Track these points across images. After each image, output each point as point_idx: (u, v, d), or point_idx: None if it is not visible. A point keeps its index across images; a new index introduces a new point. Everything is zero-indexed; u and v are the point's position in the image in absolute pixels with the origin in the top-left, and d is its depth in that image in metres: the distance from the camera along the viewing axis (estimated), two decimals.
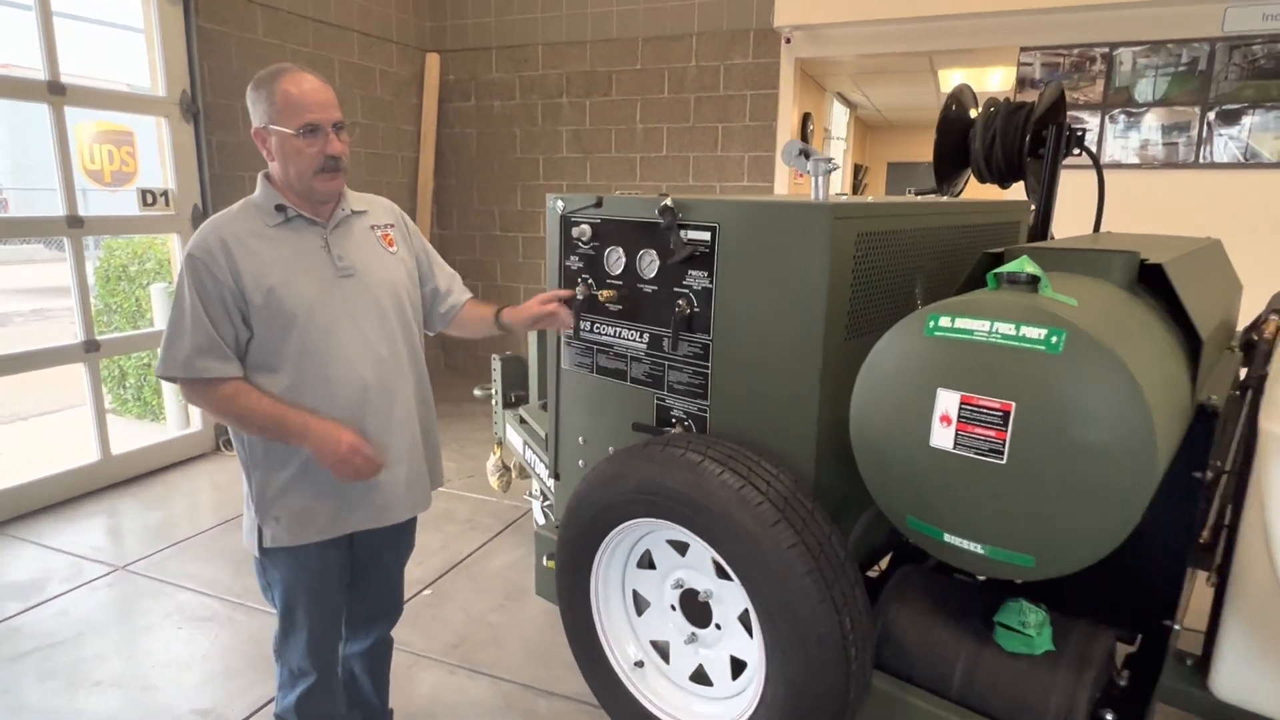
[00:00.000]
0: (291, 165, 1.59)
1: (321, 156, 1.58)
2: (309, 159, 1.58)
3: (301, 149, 1.57)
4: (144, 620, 2.87)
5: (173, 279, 4.52)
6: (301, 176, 1.60)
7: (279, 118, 1.56)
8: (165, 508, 3.88)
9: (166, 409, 4.97)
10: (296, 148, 1.57)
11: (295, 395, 1.63)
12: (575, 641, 1.71)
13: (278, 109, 1.56)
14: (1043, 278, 1.26)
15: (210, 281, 1.54)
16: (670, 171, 5.56)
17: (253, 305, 1.56)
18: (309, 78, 1.59)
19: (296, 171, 1.59)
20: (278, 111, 1.56)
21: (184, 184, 4.32)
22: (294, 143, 1.57)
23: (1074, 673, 1.37)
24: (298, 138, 1.56)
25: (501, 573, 3.26)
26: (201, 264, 1.55)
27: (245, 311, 1.57)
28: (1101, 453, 1.12)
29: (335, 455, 1.59)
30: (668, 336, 1.77)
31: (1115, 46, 4.45)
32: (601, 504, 1.57)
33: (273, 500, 1.67)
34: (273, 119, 1.57)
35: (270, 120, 1.57)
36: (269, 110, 1.57)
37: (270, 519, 1.67)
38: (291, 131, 1.56)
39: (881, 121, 9.77)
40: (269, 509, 1.67)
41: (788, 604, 1.30)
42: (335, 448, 1.58)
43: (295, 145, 1.57)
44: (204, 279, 1.54)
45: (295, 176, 1.60)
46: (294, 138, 1.56)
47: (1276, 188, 4.29)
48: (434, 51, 6.03)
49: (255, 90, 1.59)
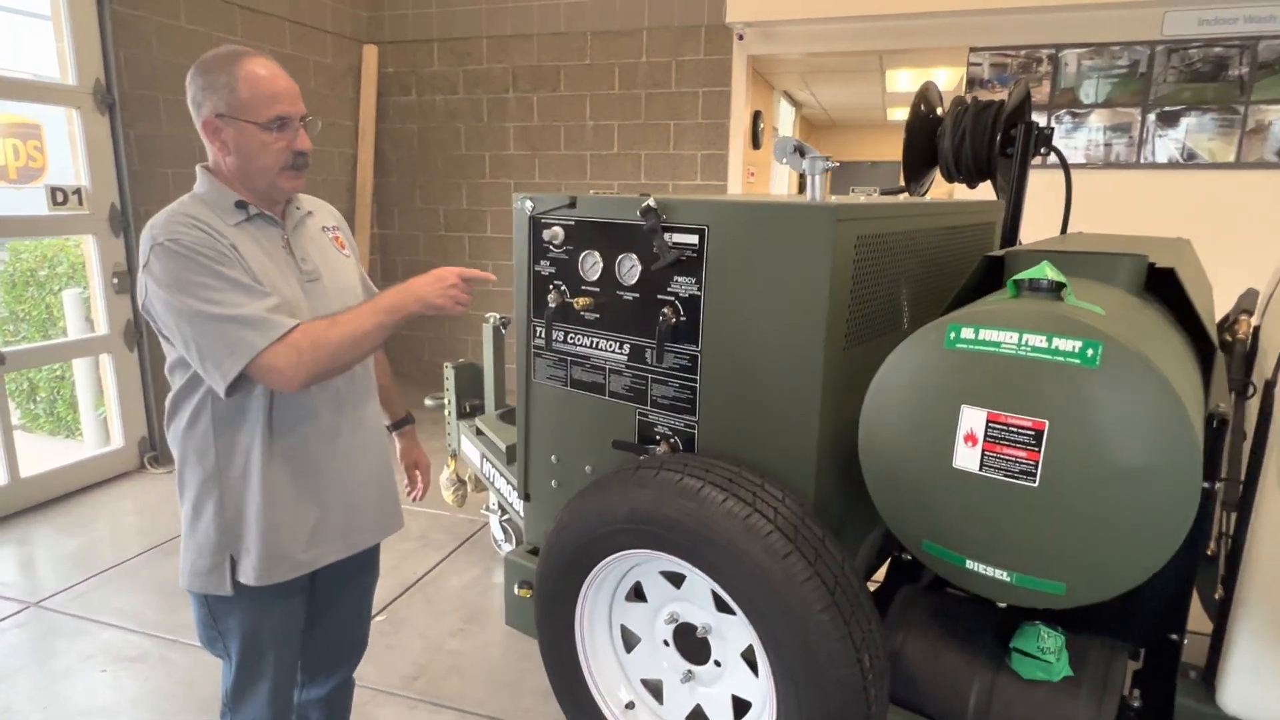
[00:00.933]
0: (255, 161, 1.40)
1: (289, 153, 1.41)
2: (275, 155, 1.40)
3: (268, 144, 1.39)
4: (62, 663, 2.59)
5: (88, 284, 4.17)
6: (265, 173, 1.41)
7: (243, 109, 1.37)
8: (84, 534, 3.56)
9: (83, 424, 4.60)
10: (263, 142, 1.39)
11: (271, 407, 1.44)
12: (558, 680, 1.57)
13: (240, 98, 1.36)
14: (1067, 284, 1.18)
15: (210, 247, 1.32)
16: (622, 169, 5.43)
17: None
18: (269, 62, 1.41)
19: (260, 168, 1.41)
20: (241, 101, 1.36)
21: (100, 181, 3.98)
22: (260, 136, 1.38)
23: (1095, 700, 1.30)
24: (265, 131, 1.38)
25: (460, 594, 3.08)
26: (189, 237, 1.31)
27: None
28: (1144, 473, 1.04)
29: (434, 293, 1.42)
30: (651, 348, 1.64)
31: (1060, 48, 4.52)
32: (588, 534, 1.43)
33: (245, 531, 1.46)
34: (234, 109, 1.37)
35: (230, 110, 1.37)
36: (228, 98, 1.37)
37: (243, 553, 1.47)
38: (259, 124, 1.37)
39: (826, 121, 9.84)
40: (240, 541, 1.46)
41: (803, 642, 1.19)
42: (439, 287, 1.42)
43: (261, 139, 1.38)
44: (202, 247, 1.31)
45: (257, 173, 1.41)
46: (261, 130, 1.38)
47: (1212, 188, 4.42)
48: (371, 43, 5.75)
49: (207, 75, 1.38)
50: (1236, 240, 4.23)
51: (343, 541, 1.58)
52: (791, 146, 1.46)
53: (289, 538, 1.48)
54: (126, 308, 4.18)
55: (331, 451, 1.53)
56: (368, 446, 1.62)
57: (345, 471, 1.56)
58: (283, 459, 1.47)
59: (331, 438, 1.53)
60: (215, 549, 1.48)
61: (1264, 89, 4.23)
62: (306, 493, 1.50)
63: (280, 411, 1.46)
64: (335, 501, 1.55)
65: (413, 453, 1.90)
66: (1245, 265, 3.45)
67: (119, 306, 4.14)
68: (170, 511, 3.79)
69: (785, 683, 1.23)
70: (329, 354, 1.34)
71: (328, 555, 1.56)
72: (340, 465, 1.55)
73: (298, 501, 1.49)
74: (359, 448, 1.59)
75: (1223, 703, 1.50)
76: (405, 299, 1.41)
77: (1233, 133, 4.33)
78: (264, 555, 1.47)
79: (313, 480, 1.51)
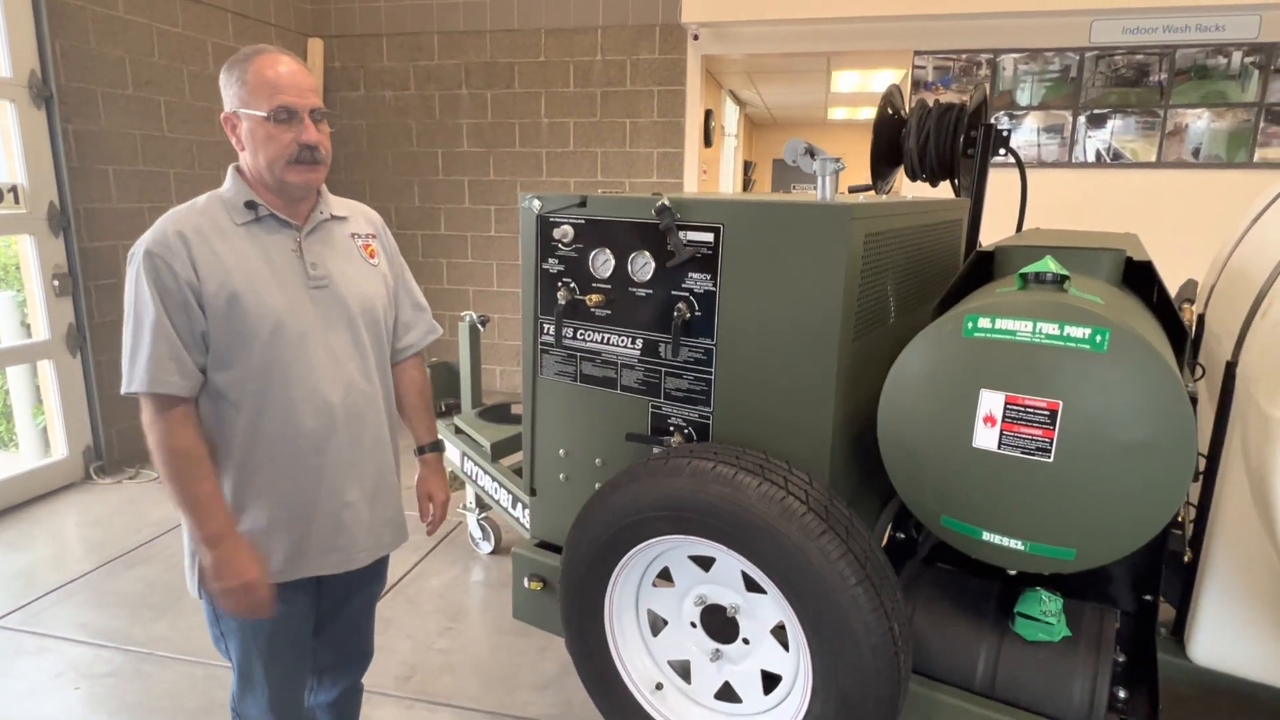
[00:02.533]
0: (262, 153, 1.41)
1: (295, 145, 1.40)
2: (281, 146, 1.40)
3: (274, 135, 1.39)
4: (28, 683, 2.48)
5: (22, 286, 3.96)
6: (272, 166, 1.41)
7: (250, 100, 1.38)
8: (32, 549, 3.40)
9: (19, 434, 4.36)
10: (268, 133, 1.39)
11: (253, 416, 1.44)
12: (585, 668, 1.62)
13: (249, 90, 1.38)
14: (1069, 277, 1.29)
15: (170, 279, 1.35)
16: (579, 166, 5.46)
17: (212, 310, 1.38)
18: (286, 59, 1.41)
19: (267, 160, 1.41)
20: (249, 93, 1.38)
21: (37, 178, 3.79)
22: (265, 128, 1.39)
23: (1093, 656, 1.42)
24: (269, 122, 1.38)
25: (442, 593, 3.08)
26: (160, 260, 1.35)
27: (205, 315, 1.38)
28: (1148, 446, 1.16)
29: (226, 583, 1.41)
30: (665, 342, 1.69)
31: (999, 53, 4.76)
32: (620, 523, 1.48)
33: None
34: (243, 102, 1.39)
35: (240, 104, 1.39)
36: (239, 92, 1.39)
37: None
38: (262, 115, 1.38)
39: (768, 119, 10.05)
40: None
41: (839, 616, 1.27)
42: (232, 577, 1.41)
43: (267, 130, 1.39)
44: (164, 277, 1.35)
45: (266, 167, 1.42)
46: (265, 122, 1.38)
47: (1135, 185, 4.73)
48: (316, 36, 5.62)
49: (227, 72, 1.42)
50: (1158, 234, 4.52)
51: (325, 559, 1.55)
52: (802, 149, 1.54)
53: (268, 544, 1.49)
54: (68, 311, 3.99)
55: (317, 466, 1.50)
56: (361, 465, 1.57)
57: (333, 489, 1.53)
58: (260, 471, 1.47)
59: (317, 453, 1.50)
60: (192, 551, 1.50)
61: (1181, 94, 4.57)
62: (281, 506, 1.49)
63: (262, 423, 1.45)
64: (319, 518, 1.52)
65: (428, 482, 1.79)
66: (1167, 257, 3.72)
67: (60, 310, 3.95)
68: (123, 523, 3.64)
69: (822, 654, 1.31)
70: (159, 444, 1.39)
71: (314, 567, 1.55)
72: (328, 482, 1.52)
73: (271, 514, 1.48)
74: (350, 465, 1.54)
75: (1193, 655, 1.65)
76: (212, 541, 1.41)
77: (1154, 134, 4.66)
78: None
79: (290, 495, 1.49)
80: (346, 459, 1.54)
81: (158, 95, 4.42)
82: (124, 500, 3.90)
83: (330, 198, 1.58)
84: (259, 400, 1.44)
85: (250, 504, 1.48)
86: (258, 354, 1.42)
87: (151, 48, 4.37)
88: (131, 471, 4.23)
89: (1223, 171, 4.56)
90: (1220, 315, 1.97)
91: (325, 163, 1.47)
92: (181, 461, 1.38)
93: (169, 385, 1.36)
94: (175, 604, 2.93)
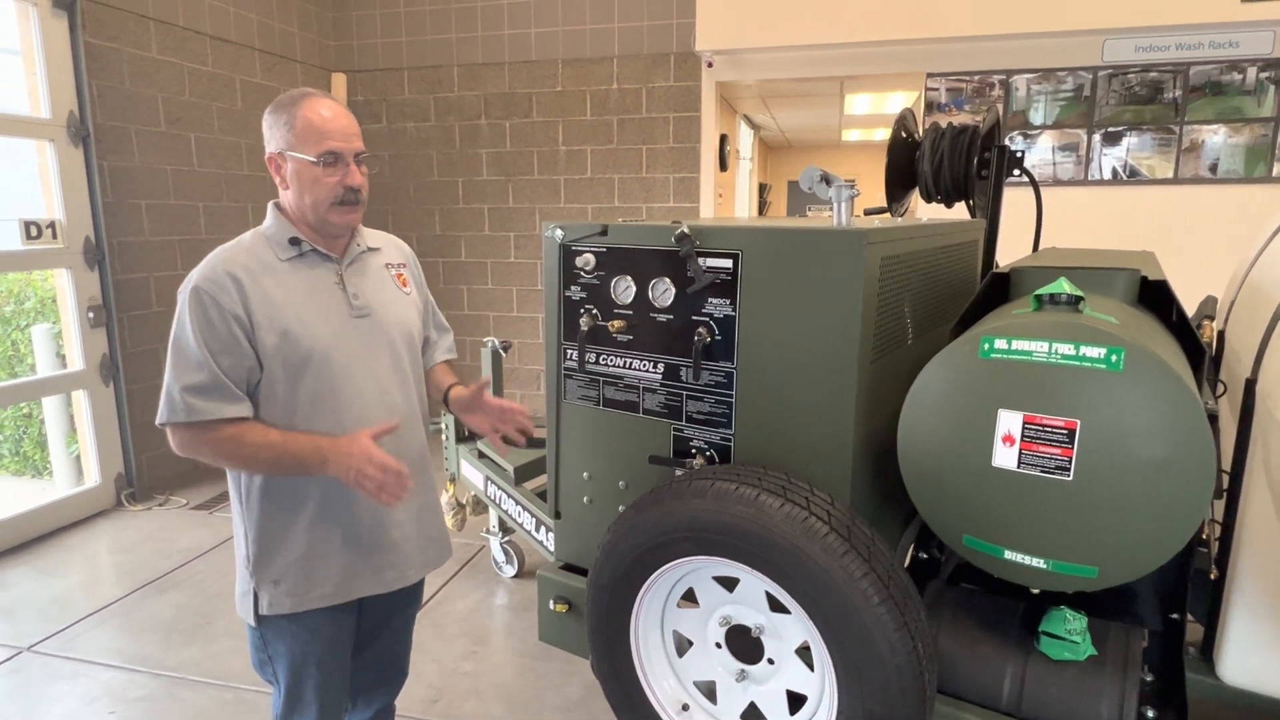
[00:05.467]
0: (308, 195, 1.48)
1: (341, 188, 1.48)
2: (327, 189, 1.47)
3: (320, 178, 1.46)
4: (63, 707, 2.53)
5: (58, 318, 4.08)
6: (317, 207, 1.49)
7: (298, 144, 1.45)
8: (67, 576, 3.47)
9: (53, 463, 4.46)
10: (315, 176, 1.46)
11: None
12: (612, 689, 1.63)
13: (297, 134, 1.45)
14: (1084, 298, 1.32)
15: (217, 315, 1.40)
16: (596, 193, 5.54)
17: (263, 345, 1.43)
18: (331, 103, 1.49)
19: (313, 202, 1.48)
20: (297, 137, 1.45)
21: (74, 213, 3.92)
22: (312, 171, 1.46)
23: (1120, 675, 1.42)
24: (316, 166, 1.45)
25: (466, 617, 3.10)
26: (209, 296, 1.41)
27: (257, 349, 1.44)
28: (1166, 464, 1.17)
29: (351, 470, 1.41)
30: (686, 366, 1.73)
31: (1011, 74, 4.80)
32: (645, 545, 1.51)
33: (273, 561, 1.51)
34: (291, 145, 1.46)
35: (288, 146, 1.46)
36: (287, 135, 1.46)
37: (268, 583, 1.51)
38: (311, 159, 1.45)
39: (782, 142, 10.14)
40: (267, 571, 1.51)
41: (863, 635, 1.28)
42: (349, 461, 1.41)
43: (314, 174, 1.46)
44: (210, 313, 1.40)
45: (310, 207, 1.49)
46: (312, 165, 1.46)
47: (1152, 202, 4.73)
48: (340, 72, 5.77)
49: (274, 114, 1.49)
50: (1177, 250, 4.53)
51: (379, 577, 1.60)
52: (818, 176, 1.58)
53: (324, 567, 1.53)
54: (102, 342, 4.10)
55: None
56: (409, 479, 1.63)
57: (383, 510, 1.57)
58: (313, 498, 1.52)
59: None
60: (254, 575, 1.53)
61: (1196, 110, 4.57)
62: (335, 530, 1.53)
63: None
64: (371, 539, 1.58)
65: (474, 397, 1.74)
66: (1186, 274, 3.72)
67: (95, 341, 4.06)
68: (153, 549, 3.71)
69: (847, 673, 1.32)
70: (226, 459, 1.44)
71: (364, 588, 1.59)
72: (377, 506, 1.56)
73: (325, 539, 1.53)
74: None
75: (1222, 674, 1.64)
76: (313, 458, 1.42)
77: (1170, 151, 4.66)
78: (295, 584, 1.52)
79: (343, 519, 1.54)
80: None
81: (188, 131, 4.56)
82: (155, 527, 3.97)
83: (364, 230, 1.64)
84: (310, 428, 1.49)
85: (305, 530, 1.52)
86: (308, 384, 1.48)
87: (183, 86, 4.52)
88: (161, 498, 4.31)
89: (1242, 186, 4.54)
90: (1240, 331, 1.97)
91: (364, 202, 1.54)
92: (240, 447, 1.41)
93: (207, 412, 1.41)
94: (206, 629, 2.98)
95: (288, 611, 1.53)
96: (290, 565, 1.52)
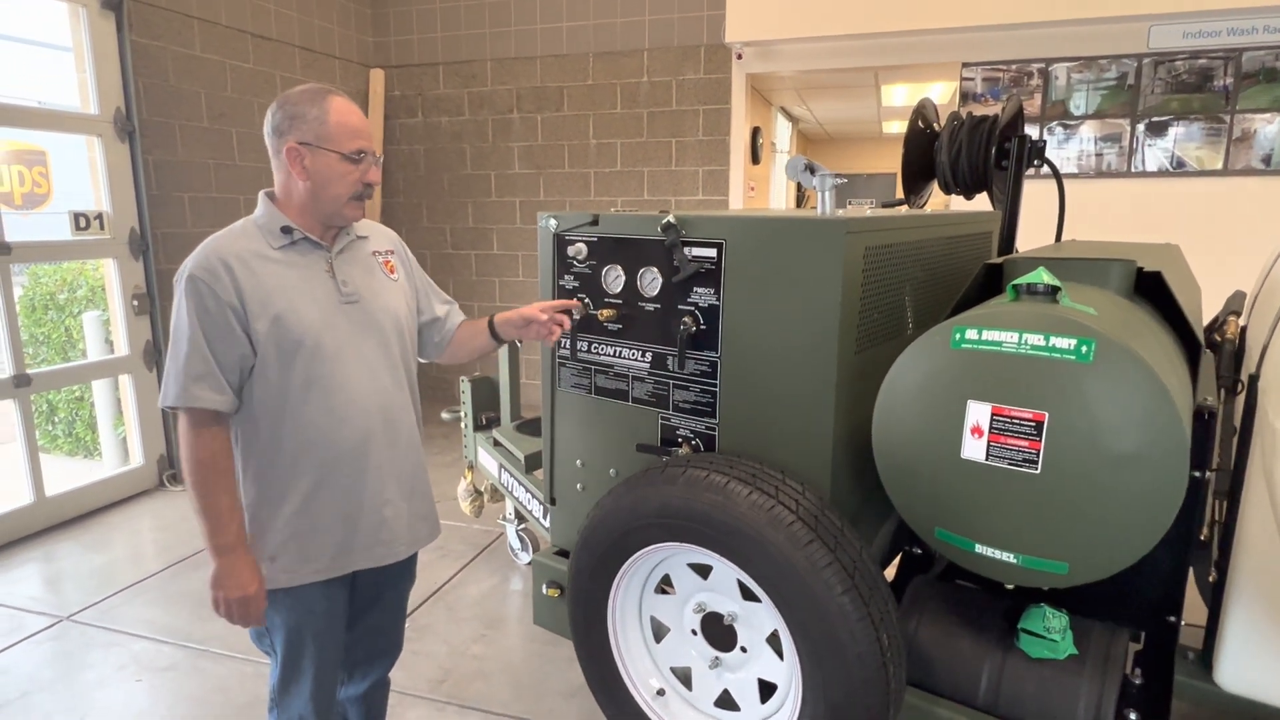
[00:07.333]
0: (329, 187, 1.54)
1: (360, 184, 1.55)
2: (349, 184, 1.54)
3: (346, 173, 1.53)
4: (96, 674, 2.67)
5: (108, 306, 4.27)
6: (335, 200, 1.55)
7: (331, 139, 1.51)
8: (108, 551, 3.64)
9: (102, 445, 4.68)
10: (342, 171, 1.53)
11: (297, 426, 1.55)
12: (591, 672, 1.66)
13: (330, 128, 1.51)
14: (1061, 288, 1.29)
15: (213, 303, 1.46)
16: (626, 186, 5.56)
17: (256, 331, 1.49)
18: (352, 103, 1.57)
19: (332, 195, 1.54)
20: (329, 131, 1.51)
21: (120, 206, 4.09)
22: (340, 166, 1.52)
23: (1099, 675, 1.39)
24: (346, 161, 1.52)
25: (479, 601, 3.16)
26: (204, 284, 1.46)
27: (250, 336, 1.49)
28: (1136, 459, 1.14)
29: (228, 593, 1.51)
30: (672, 355, 1.74)
31: (1051, 62, 4.66)
32: (620, 529, 1.52)
33: (268, 538, 1.58)
34: (323, 139, 1.51)
35: (318, 140, 1.51)
36: (319, 129, 1.50)
37: (264, 559, 1.58)
38: (344, 154, 1.52)
39: (821, 135, 10.00)
40: (264, 548, 1.58)
41: (825, 624, 1.28)
42: (235, 588, 1.51)
43: (341, 169, 1.52)
44: (206, 301, 1.46)
45: (329, 199, 1.55)
46: (342, 160, 1.52)
47: (1200, 194, 4.54)
48: (378, 67, 5.90)
49: (295, 105, 1.52)
50: (1225, 244, 4.35)
51: (370, 553, 1.65)
52: (802, 165, 1.57)
53: (317, 543, 1.58)
54: (146, 329, 4.28)
55: (360, 469, 1.60)
56: (398, 465, 1.67)
57: (375, 489, 1.63)
58: (306, 477, 1.57)
59: (359, 457, 1.60)
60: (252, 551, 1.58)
61: (1249, 98, 4.37)
62: (328, 508, 1.59)
63: (307, 433, 1.55)
64: (363, 516, 1.63)
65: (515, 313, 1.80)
66: (1234, 268, 3.57)
67: (139, 328, 4.24)
68: (190, 528, 3.87)
69: (810, 663, 1.32)
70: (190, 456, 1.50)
71: (357, 561, 1.65)
72: (370, 483, 1.62)
73: (318, 516, 1.58)
74: (388, 466, 1.65)
75: (1220, 680, 1.59)
76: (218, 538, 1.50)
77: (1220, 141, 4.46)
78: (290, 560, 1.58)
79: (336, 497, 1.59)
80: (385, 461, 1.65)
81: (230, 126, 4.72)
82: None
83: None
84: (302, 411, 1.55)
85: (298, 508, 1.58)
86: (299, 369, 1.53)
87: (225, 83, 4.68)
88: None
89: None
90: (1256, 328, 1.89)
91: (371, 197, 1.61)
92: (206, 472, 1.50)
93: (200, 400, 1.47)
94: None
95: (283, 586, 1.59)
96: (285, 542, 1.58)
